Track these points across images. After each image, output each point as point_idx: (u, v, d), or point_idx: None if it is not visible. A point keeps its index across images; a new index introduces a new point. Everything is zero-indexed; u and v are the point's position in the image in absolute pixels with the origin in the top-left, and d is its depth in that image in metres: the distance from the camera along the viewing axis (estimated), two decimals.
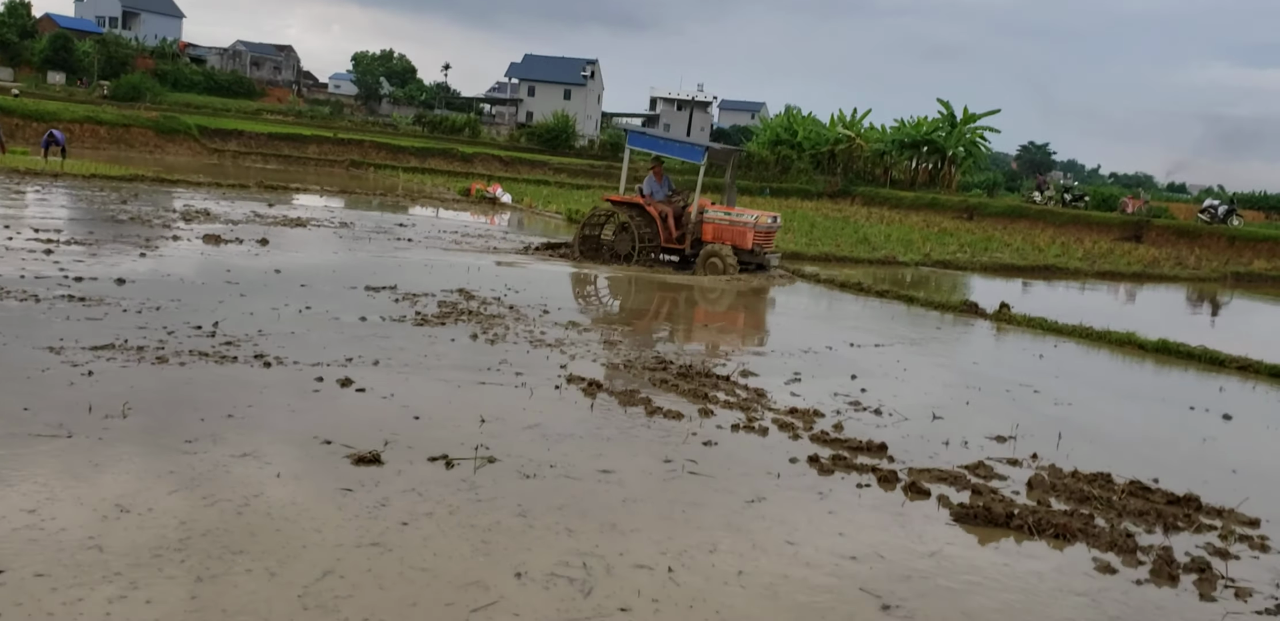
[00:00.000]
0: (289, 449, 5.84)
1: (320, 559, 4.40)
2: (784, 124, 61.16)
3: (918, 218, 38.12)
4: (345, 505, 5.06)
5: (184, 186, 24.95)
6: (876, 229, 29.68)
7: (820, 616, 4.33)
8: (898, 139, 55.12)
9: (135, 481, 5.14)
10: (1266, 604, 4.94)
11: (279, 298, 10.58)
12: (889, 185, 52.85)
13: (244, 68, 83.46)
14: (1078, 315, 14.12)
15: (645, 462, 6.27)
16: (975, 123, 53.74)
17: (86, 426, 5.87)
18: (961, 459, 6.92)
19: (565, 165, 50.92)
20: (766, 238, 16.80)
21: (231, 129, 45.49)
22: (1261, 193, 50.00)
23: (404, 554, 4.55)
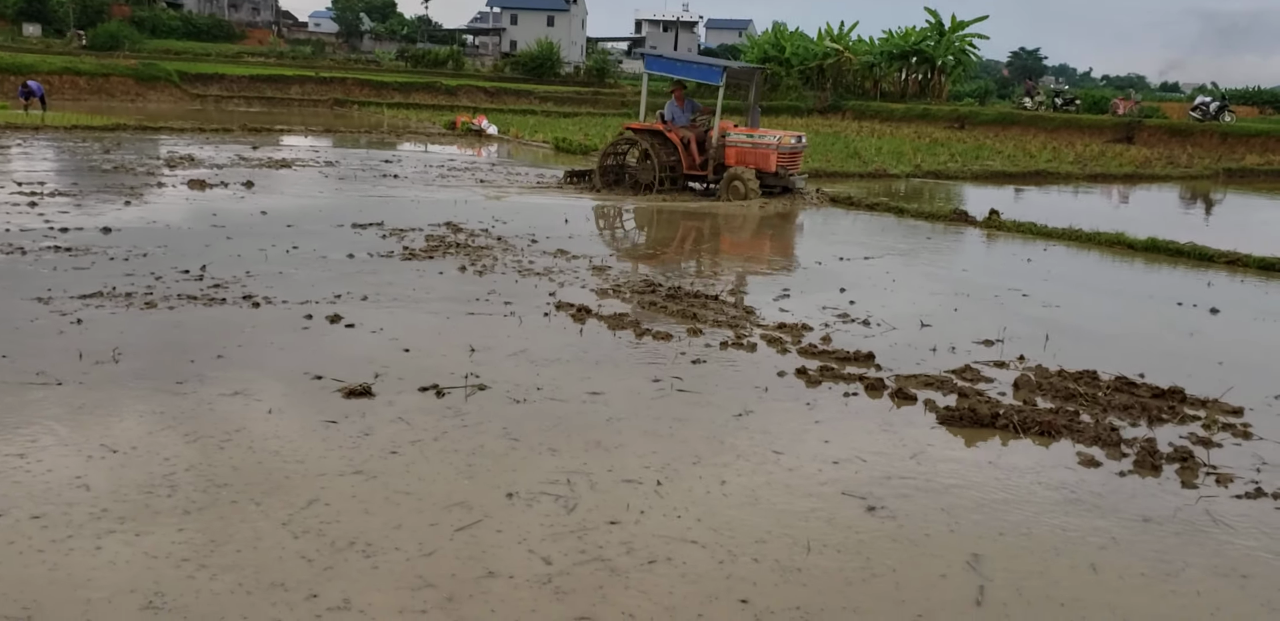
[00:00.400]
0: (279, 385, 5.91)
1: (306, 488, 4.50)
2: (771, 41, 60.07)
3: (909, 129, 37.73)
4: (330, 436, 5.14)
5: (167, 133, 24.71)
6: (867, 142, 29.41)
7: (804, 520, 4.43)
8: (886, 50, 54.18)
9: (124, 423, 5.22)
10: (1246, 488, 5.05)
11: (266, 239, 10.57)
12: (879, 98, 52.16)
13: (222, 10, 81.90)
14: (1069, 219, 14.10)
15: (634, 383, 6.33)
16: (964, 30, 52.75)
17: (76, 373, 5.93)
18: (949, 364, 6.99)
19: (551, 94, 50.27)
20: (791, 159, 16.15)
21: (213, 73, 44.81)
22: (1255, 87, 49.38)
23: (389, 479, 4.64)
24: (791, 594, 3.79)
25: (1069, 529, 4.49)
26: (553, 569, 3.87)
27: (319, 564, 3.83)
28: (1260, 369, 7.45)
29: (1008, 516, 4.59)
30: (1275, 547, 4.40)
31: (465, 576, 3.79)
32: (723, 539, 4.20)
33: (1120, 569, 4.14)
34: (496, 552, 3.98)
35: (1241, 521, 4.66)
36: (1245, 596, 3.98)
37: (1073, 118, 38.76)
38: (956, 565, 4.08)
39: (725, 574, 3.91)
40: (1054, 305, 9.21)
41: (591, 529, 4.22)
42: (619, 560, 3.97)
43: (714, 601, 3.71)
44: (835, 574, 3.96)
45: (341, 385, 5.88)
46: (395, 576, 3.76)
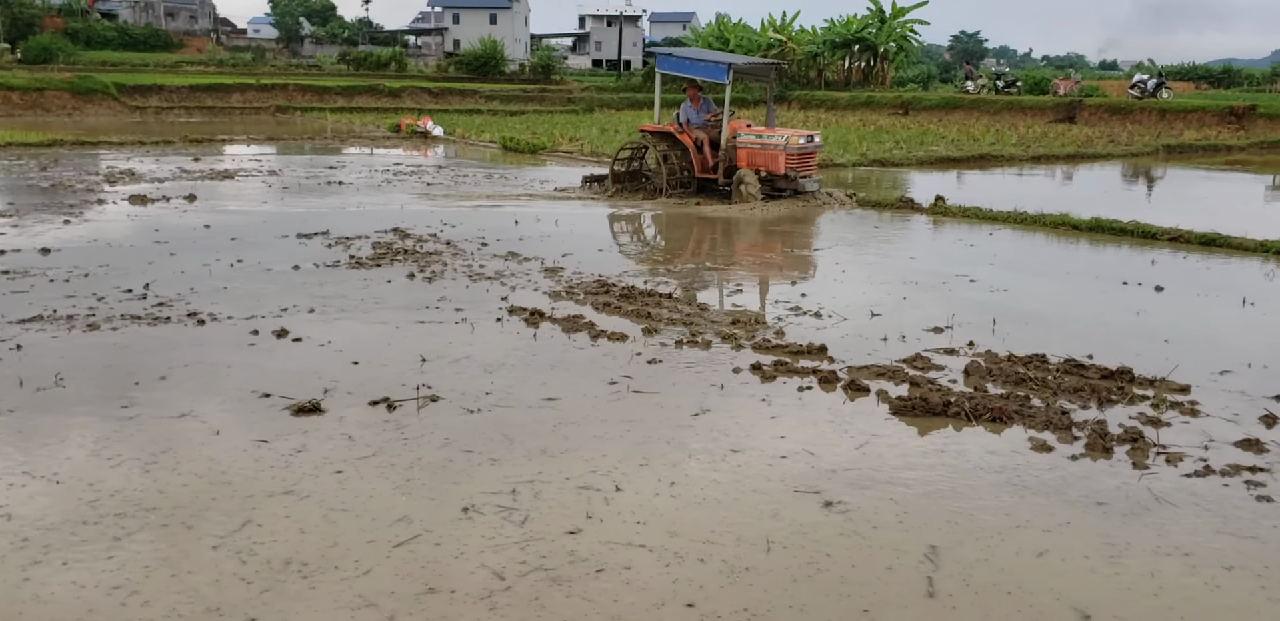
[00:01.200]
0: (226, 405, 5.82)
1: (238, 509, 4.43)
2: (715, 33, 60.22)
3: (854, 117, 37.95)
4: (268, 456, 5.06)
5: (106, 147, 24.27)
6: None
7: (756, 519, 4.43)
8: (829, 39, 54.45)
9: (66, 450, 5.11)
10: (1196, 466, 5.12)
11: (209, 253, 10.41)
12: (824, 87, 52.41)
13: (158, 19, 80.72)
14: (1014, 201, 14.24)
15: (589, 387, 6.31)
16: (905, 16, 53.15)
17: (16, 401, 5.80)
18: (900, 353, 7.03)
19: (497, 92, 49.98)
20: (802, 160, 15.09)
21: (151, 84, 44.06)
22: (1190, 64, 50.21)
23: (324, 498, 4.58)
24: (739, 595, 3.79)
25: (1018, 515, 4.53)
26: (496, 583, 3.84)
27: (256, 586, 3.77)
28: (1205, 344, 7.57)
29: (959, 505, 4.62)
30: (1220, 525, 4.47)
31: (405, 593, 3.75)
32: (673, 542, 4.19)
33: (1065, 552, 4.18)
34: (437, 568, 3.94)
35: (1190, 499, 4.72)
36: (1189, 574, 4.03)
37: (1015, 100, 39.16)
38: (906, 557, 4.10)
39: (673, 578, 3.90)
40: (1001, 289, 9.30)
41: (538, 539, 4.19)
42: (565, 570, 3.94)
43: (660, 607, 3.70)
44: (783, 572, 3.97)
45: (290, 402, 5.80)
46: (334, 596, 3.71)
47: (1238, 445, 5.41)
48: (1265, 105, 33.03)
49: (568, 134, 28.35)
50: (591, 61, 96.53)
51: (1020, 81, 44.57)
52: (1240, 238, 11.61)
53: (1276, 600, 3.85)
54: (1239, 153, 26.89)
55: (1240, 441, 5.44)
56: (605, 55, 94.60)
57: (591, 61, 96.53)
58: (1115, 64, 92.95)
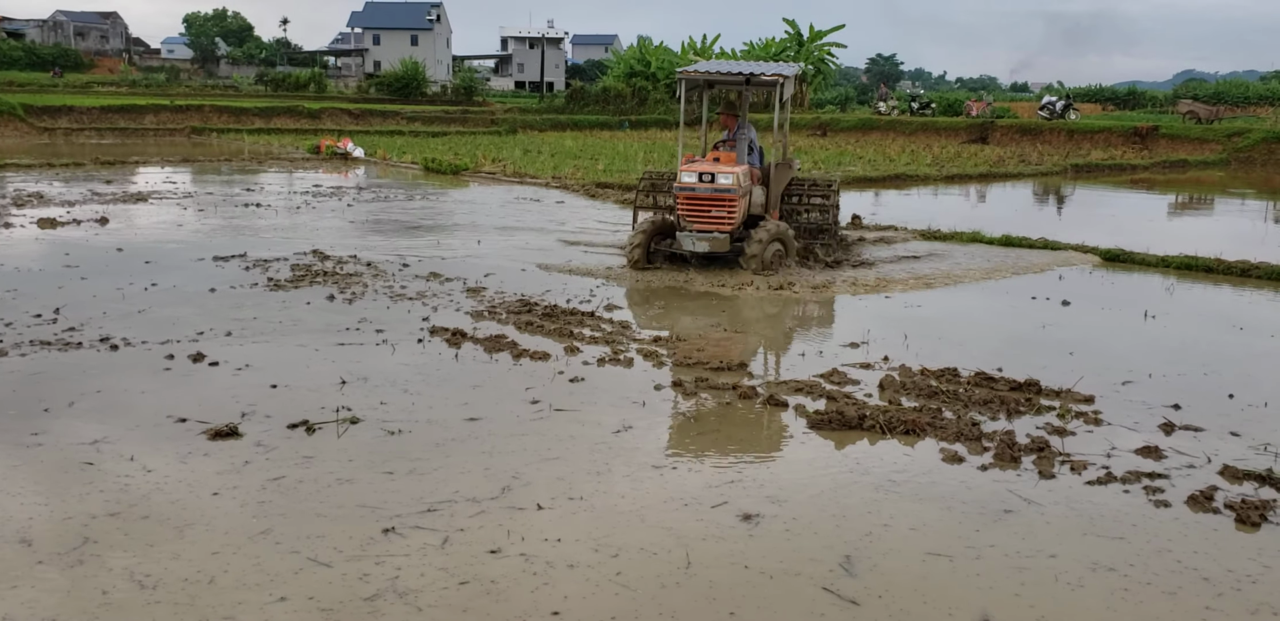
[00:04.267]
0: (141, 431, 5.72)
1: (161, 536, 4.37)
2: (636, 55, 60.82)
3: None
4: (192, 482, 5.01)
5: (12, 170, 23.62)
6: None
7: (680, 531, 4.48)
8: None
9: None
10: (1098, 474, 5.30)
11: (123, 277, 10.21)
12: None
13: (67, 39, 78.95)
14: (929, 220, 14.59)
15: (512, 406, 6.32)
16: (822, 39, 54.29)
17: None
18: (817, 368, 7.17)
19: (419, 113, 49.72)
20: (693, 207, 10.84)
21: (60, 105, 43.02)
22: (1097, 85, 51.92)
23: (242, 522, 4.54)
24: (667, 608, 3.84)
25: (928, 525, 4.65)
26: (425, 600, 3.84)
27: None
28: (1107, 355, 7.83)
29: (874, 515, 4.72)
30: (1119, 530, 4.64)
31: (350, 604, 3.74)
32: (593, 557, 4.23)
33: (972, 560, 4.30)
34: (357, 590, 3.93)
35: (1091, 507, 4.90)
36: (1051, 576, 4.17)
37: (929, 121, 40.14)
38: (820, 566, 4.18)
39: (594, 594, 3.94)
40: (915, 305, 9.53)
41: (459, 558, 4.20)
42: (487, 589, 3.96)
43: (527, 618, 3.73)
44: (701, 584, 4.03)
45: (207, 427, 5.72)
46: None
47: (1138, 452, 5.62)
48: (1167, 126, 34.34)
49: (490, 155, 28.34)
50: (514, 83, 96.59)
51: (934, 103, 45.69)
52: (1143, 253, 12.04)
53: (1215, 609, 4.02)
54: (1143, 172, 27.88)
55: (1140, 449, 5.65)
56: (528, 77, 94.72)
57: (514, 83, 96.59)
58: (1026, 86, 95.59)
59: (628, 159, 26.32)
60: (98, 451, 5.37)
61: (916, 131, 38.33)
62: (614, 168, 24.53)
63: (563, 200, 19.18)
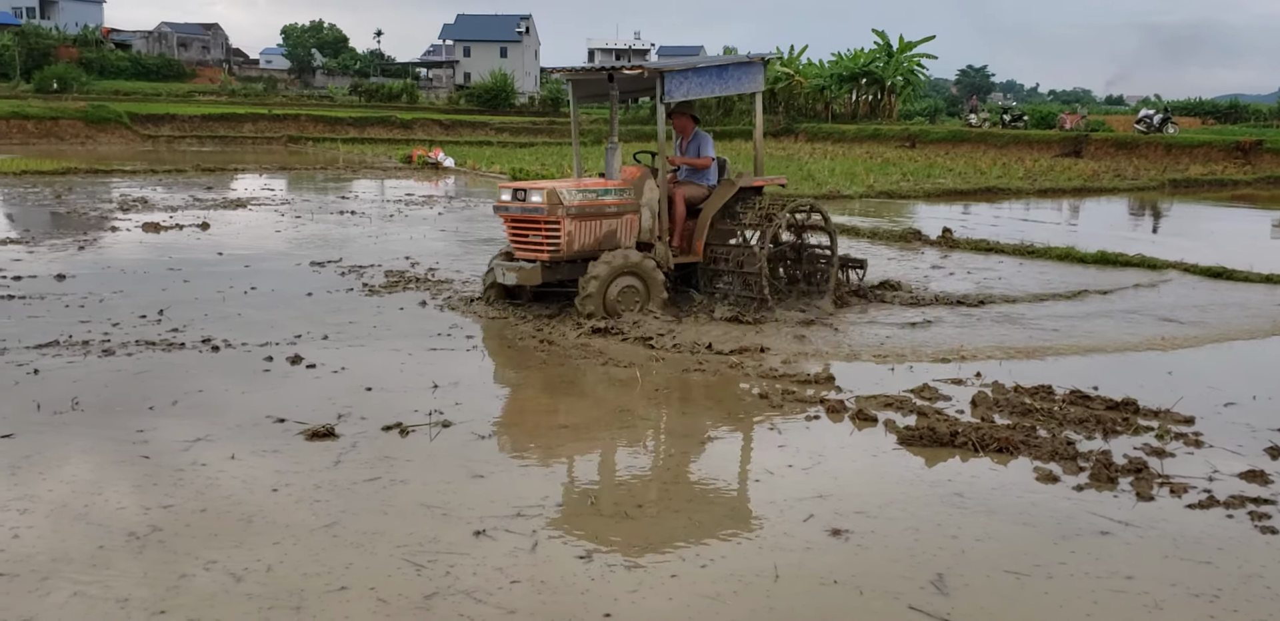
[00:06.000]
0: (241, 430, 5.89)
1: (266, 535, 4.48)
2: None
3: (861, 150, 38.21)
4: (289, 481, 5.13)
5: (119, 176, 24.53)
6: (821, 164, 29.73)
7: (771, 546, 4.46)
8: (836, 73, 54.95)
9: (82, 475, 5.19)
10: (1200, 497, 5.15)
11: (223, 280, 10.53)
12: (831, 119, 52.80)
13: (171, 50, 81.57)
14: (1020, 234, 14.35)
15: (601, 414, 6.37)
16: (912, 51, 53.64)
17: (33, 424, 5.87)
18: (907, 383, 7.08)
19: (507, 124, 50.44)
20: (517, 231, 8.95)
21: (164, 113, 44.56)
22: (1197, 99, 50.51)
23: (352, 521, 4.63)
24: (698, 615, 3.83)
25: (1023, 546, 4.56)
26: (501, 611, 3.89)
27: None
28: (1206, 376, 7.60)
29: (966, 534, 4.65)
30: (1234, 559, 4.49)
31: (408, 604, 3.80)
32: (681, 568, 4.23)
33: (1070, 584, 4.21)
34: (453, 590, 3.99)
35: (1194, 531, 4.75)
36: (1151, 602, 4.04)
37: (1021, 133, 39.44)
38: (910, 584, 4.13)
39: (685, 604, 3.94)
40: (1010, 321, 9.36)
41: (547, 563, 4.24)
42: (576, 599, 3.99)
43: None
44: (792, 598, 4.00)
45: (304, 427, 5.86)
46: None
47: (1242, 476, 5.44)
48: (1272, 140, 33.20)
49: None
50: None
51: (1026, 116, 44.88)
52: (1245, 271, 11.67)
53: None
54: (1245, 187, 27.02)
55: (1245, 473, 5.47)
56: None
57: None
58: (1122, 99, 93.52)
59: None
60: (198, 449, 5.53)
61: (1008, 144, 37.68)
62: None
63: None
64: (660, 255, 9.11)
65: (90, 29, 75.56)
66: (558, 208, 8.60)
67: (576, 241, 8.77)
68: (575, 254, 8.79)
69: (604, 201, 8.89)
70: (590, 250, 8.80)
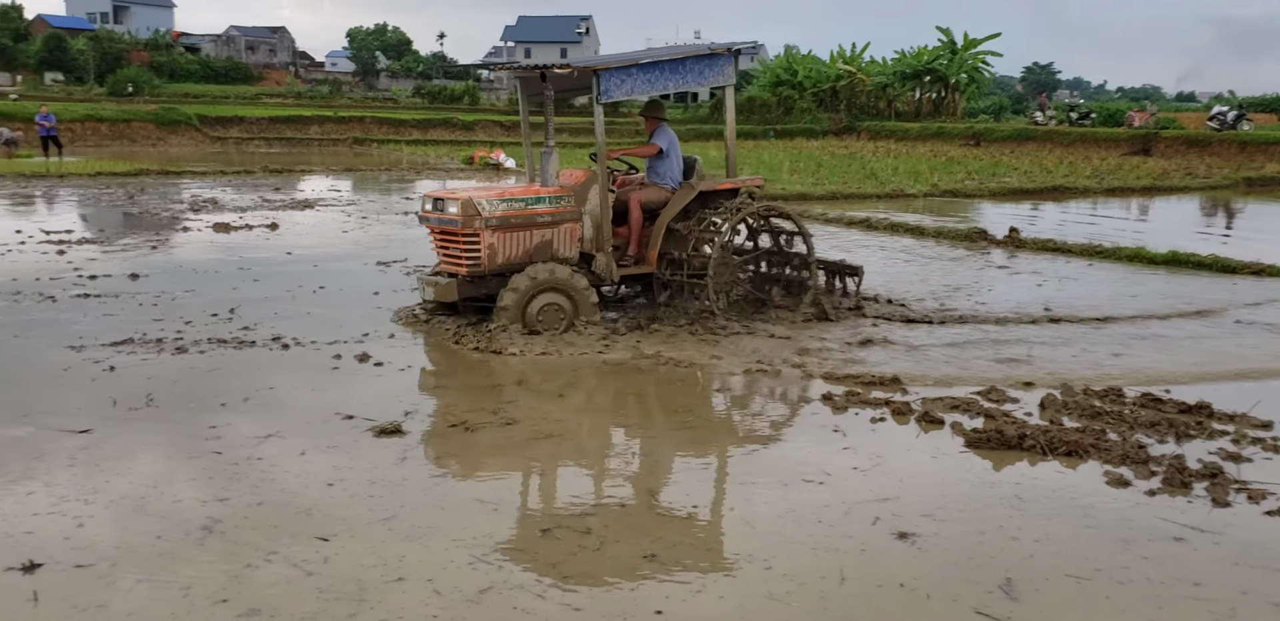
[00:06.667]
0: (311, 427, 5.99)
1: (326, 529, 4.56)
2: (783, 65, 60.63)
3: (925, 148, 37.81)
4: (354, 477, 5.21)
5: (189, 177, 25.06)
6: (884, 163, 29.48)
7: (836, 549, 4.44)
8: (899, 70, 54.49)
9: (157, 470, 5.32)
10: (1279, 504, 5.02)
11: (292, 280, 10.71)
12: (894, 118, 52.34)
13: (239, 53, 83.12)
14: (1088, 234, 14.09)
15: (662, 415, 6.39)
16: (976, 48, 53.02)
17: (110, 420, 6.03)
18: (975, 385, 6.99)
19: (566, 125, 50.53)
20: (444, 243, 8.45)
21: (232, 116, 45.46)
22: (1273, 95, 49.19)
23: (411, 518, 4.69)
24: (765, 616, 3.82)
25: (1092, 550, 4.48)
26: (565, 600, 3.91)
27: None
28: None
29: (1033, 538, 4.58)
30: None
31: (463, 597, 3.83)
32: (746, 569, 4.21)
33: (1139, 591, 4.12)
34: (523, 592, 4.02)
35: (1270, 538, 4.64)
36: (1228, 609, 3.96)
37: (1089, 131, 38.75)
38: (977, 588, 4.08)
39: (743, 607, 3.93)
40: (1079, 320, 9.19)
41: (614, 559, 4.26)
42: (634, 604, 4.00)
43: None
44: (856, 601, 3.97)
45: (373, 424, 5.95)
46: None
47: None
48: None
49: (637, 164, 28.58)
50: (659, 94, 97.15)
51: (1094, 113, 44.08)
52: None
53: None
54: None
55: None
56: None
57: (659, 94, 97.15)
58: (1193, 95, 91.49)
59: (772, 169, 26.17)
60: (268, 445, 5.64)
61: (1075, 142, 37.05)
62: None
63: None
64: (601, 266, 8.49)
65: (161, 33, 77.25)
66: (474, 219, 8.01)
67: (500, 254, 8.14)
68: (501, 267, 8.15)
69: (534, 210, 8.28)
70: (519, 263, 8.17)
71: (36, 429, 5.84)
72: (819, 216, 17.39)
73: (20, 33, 68.11)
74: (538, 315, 8.01)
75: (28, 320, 8.72)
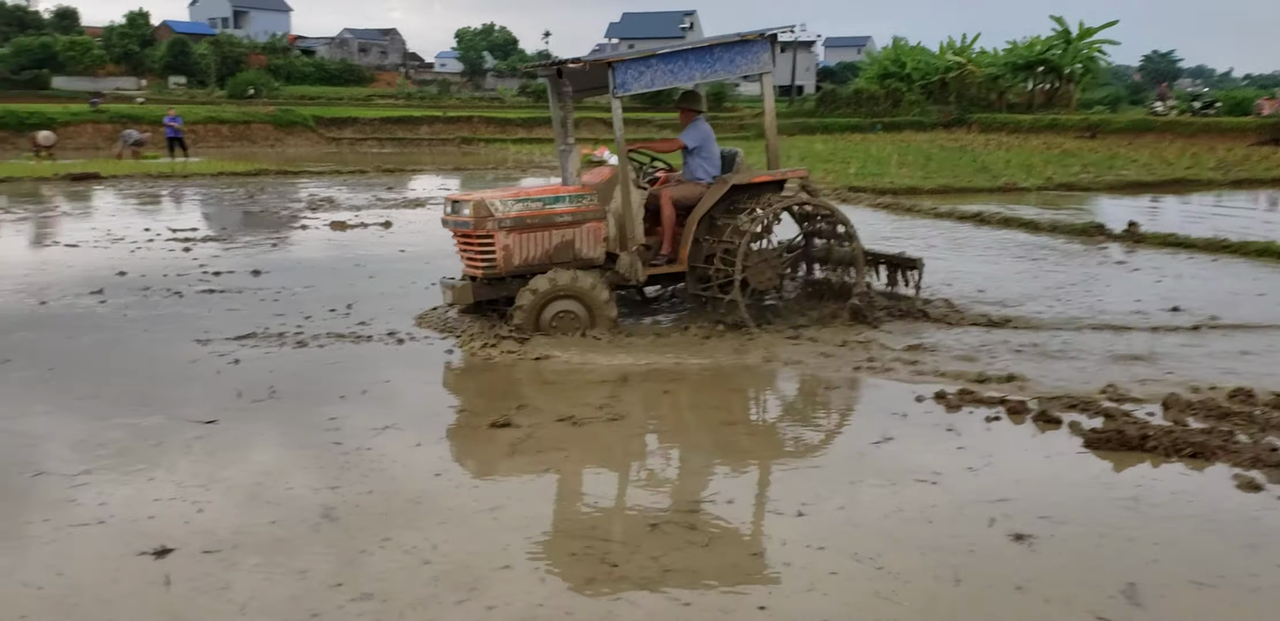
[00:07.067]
0: (426, 419, 6.14)
1: (436, 517, 4.65)
2: (891, 57, 59.73)
3: (1038, 140, 36.79)
4: (460, 467, 5.31)
5: (306, 177, 25.80)
6: (995, 156, 28.81)
7: (951, 549, 4.36)
8: (1011, 61, 53.21)
9: (275, 459, 5.53)
10: None
11: (406, 276, 10.95)
12: (1005, 109, 51.08)
13: (352, 55, 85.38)
14: (1212, 228, 13.55)
15: (769, 413, 6.36)
16: (1092, 37, 51.48)
17: (234, 411, 6.26)
18: (1094, 383, 6.79)
19: (670, 120, 50.63)
20: (464, 245, 8.40)
21: (346, 117, 46.65)
22: None
23: (518, 508, 4.76)
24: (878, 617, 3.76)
25: (1218, 559, 4.31)
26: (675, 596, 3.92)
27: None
28: None
29: (1155, 544, 4.43)
30: None
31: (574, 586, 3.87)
32: (857, 568, 4.17)
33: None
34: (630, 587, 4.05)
35: None
36: None
37: (1213, 121, 37.27)
38: (1097, 594, 3.96)
39: (859, 608, 3.89)
40: (1203, 314, 8.85)
41: (722, 555, 4.26)
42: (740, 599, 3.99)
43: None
44: (921, 595, 3.90)
45: (485, 418, 6.06)
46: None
47: None
48: None
49: None
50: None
51: (1219, 102, 42.35)
52: None
53: None
54: None
55: None
56: (777, 81, 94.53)
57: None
58: None
59: (880, 162, 25.84)
60: (385, 436, 5.79)
61: (1198, 133, 35.64)
62: (866, 171, 24.16)
63: None
64: (625, 266, 8.18)
65: (278, 37, 79.83)
66: (486, 221, 7.90)
67: (516, 256, 8.00)
68: (519, 269, 8.01)
69: (553, 210, 8.07)
70: (539, 264, 8.02)
71: (166, 419, 6.09)
72: (929, 211, 17.11)
73: (146, 39, 71.12)
74: (551, 321, 7.89)
75: (156, 315, 9.10)
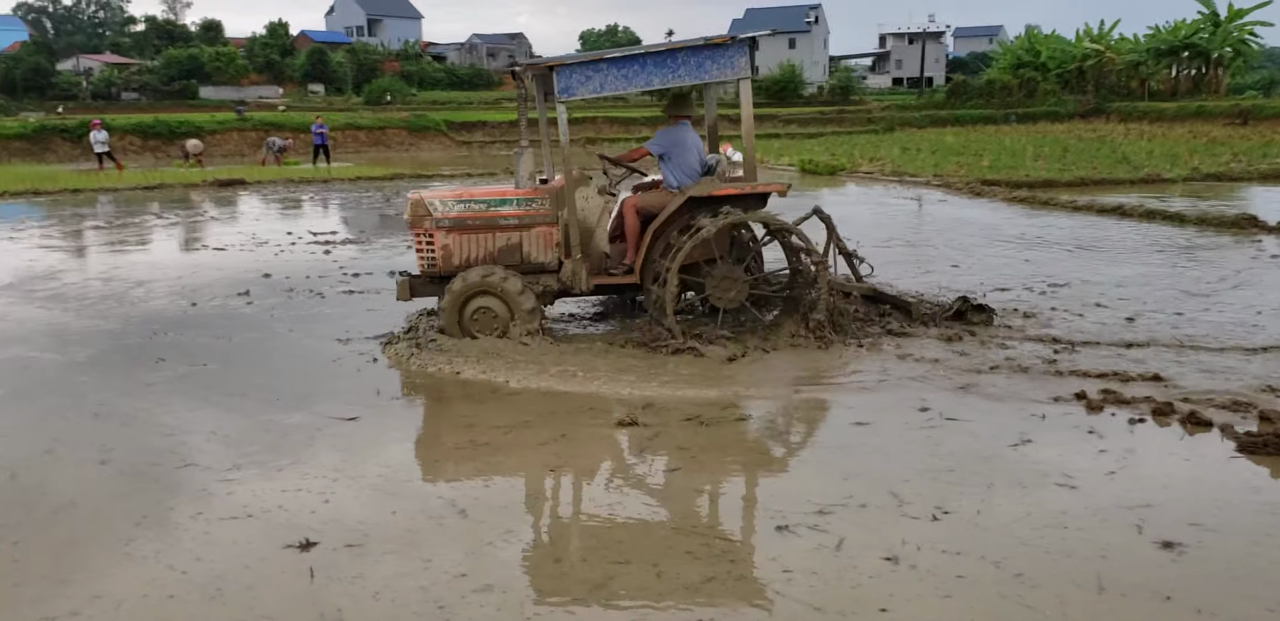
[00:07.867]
0: (556, 417, 6.21)
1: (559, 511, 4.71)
2: (1025, 46, 58.08)
3: (1182, 129, 35.22)
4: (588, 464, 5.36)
5: (440, 180, 26.45)
6: (1136, 146, 27.69)
7: (1093, 556, 4.20)
8: (1153, 47, 51.04)
9: (408, 454, 5.69)
10: None
11: None
12: (1147, 97, 49.05)
13: (481, 59, 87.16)
14: None
15: (902, 413, 6.20)
16: (1243, 18, 48.97)
17: (374, 408, 6.46)
18: (1249, 380, 6.47)
19: (794, 115, 50.37)
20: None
21: (475, 121, 47.73)
22: None
23: (664, 510, 4.78)
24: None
25: None
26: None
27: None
28: None
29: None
30: None
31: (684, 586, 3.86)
32: (996, 573, 4.05)
33: None
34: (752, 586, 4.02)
35: None
36: None
37: None
38: (1253, 606, 3.77)
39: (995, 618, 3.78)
40: None
41: (851, 563, 4.19)
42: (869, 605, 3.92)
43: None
44: (1061, 603, 3.75)
45: (612, 416, 6.12)
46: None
47: None
48: None
49: (867, 154, 28.09)
50: (891, 80, 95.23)
51: None
52: None
53: None
54: None
55: None
56: (906, 73, 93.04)
57: (891, 80, 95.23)
58: None
59: (1015, 154, 25.12)
60: (518, 433, 5.89)
61: None
62: (1000, 164, 23.51)
63: (945, 199, 18.64)
64: (567, 274, 7.94)
65: (410, 44, 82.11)
66: (424, 220, 7.90)
67: (456, 256, 7.96)
68: (459, 269, 7.94)
69: (497, 212, 7.93)
70: (484, 265, 7.91)
71: (309, 416, 6.32)
72: (1066, 204, 16.53)
73: (286, 48, 73.99)
74: (472, 318, 7.82)
75: (300, 315, 9.45)
